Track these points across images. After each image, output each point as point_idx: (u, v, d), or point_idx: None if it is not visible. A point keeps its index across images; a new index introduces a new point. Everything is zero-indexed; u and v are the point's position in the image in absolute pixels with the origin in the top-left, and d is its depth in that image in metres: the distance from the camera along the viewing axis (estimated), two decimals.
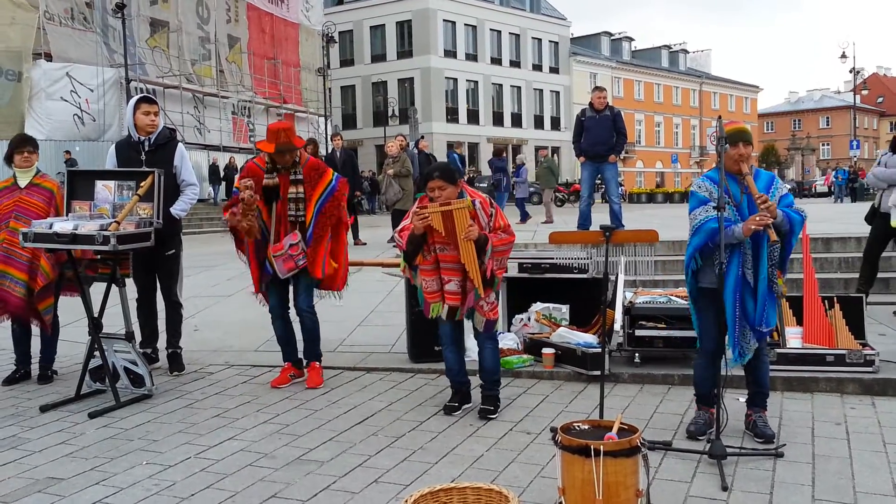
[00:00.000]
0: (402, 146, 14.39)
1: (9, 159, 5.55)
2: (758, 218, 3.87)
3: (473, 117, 48.00)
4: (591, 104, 10.46)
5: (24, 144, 5.52)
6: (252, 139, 30.37)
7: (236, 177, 5.43)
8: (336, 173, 5.41)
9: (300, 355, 5.63)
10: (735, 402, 4.49)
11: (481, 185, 26.31)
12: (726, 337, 4.13)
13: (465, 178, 21.08)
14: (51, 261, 5.38)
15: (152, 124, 5.70)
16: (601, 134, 10.28)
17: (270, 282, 5.35)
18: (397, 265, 8.36)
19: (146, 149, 5.69)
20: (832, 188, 35.90)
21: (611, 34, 61.51)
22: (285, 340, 5.55)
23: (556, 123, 53.35)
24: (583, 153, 10.43)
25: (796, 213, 4.03)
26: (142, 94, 6.13)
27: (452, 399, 4.89)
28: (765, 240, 3.98)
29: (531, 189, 37.77)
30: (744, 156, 4.03)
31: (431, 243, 4.63)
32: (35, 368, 5.77)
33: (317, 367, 5.53)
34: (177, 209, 5.73)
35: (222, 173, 27.28)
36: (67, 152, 22.14)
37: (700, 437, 4.21)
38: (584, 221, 10.57)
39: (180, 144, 5.97)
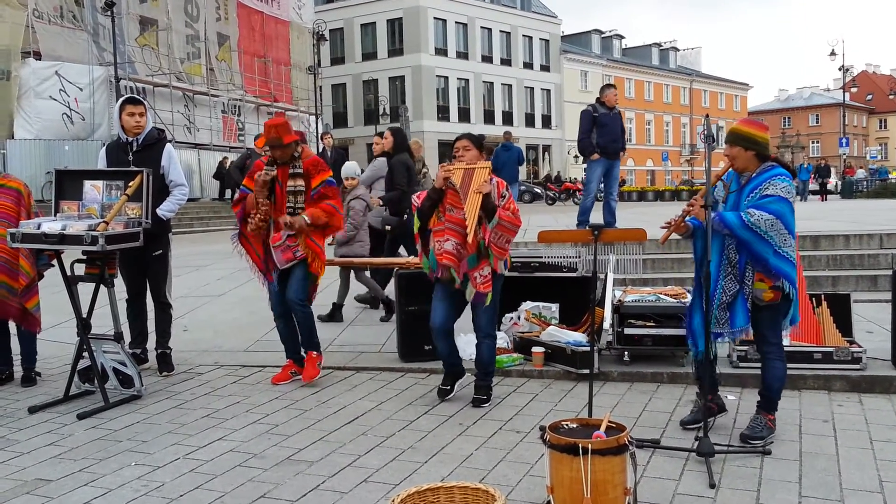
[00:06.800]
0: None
1: None
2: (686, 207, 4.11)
3: (464, 115, 47.95)
4: (600, 101, 10.27)
5: None
6: (241, 138, 30.24)
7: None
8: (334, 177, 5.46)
9: (303, 352, 5.64)
10: (724, 399, 4.53)
11: None
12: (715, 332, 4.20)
13: None
14: (29, 259, 5.37)
15: (138, 125, 5.68)
16: (616, 131, 10.23)
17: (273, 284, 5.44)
18: (388, 265, 8.36)
19: (134, 149, 5.67)
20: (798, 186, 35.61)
21: (601, 32, 61.47)
22: (286, 337, 5.59)
23: (546, 121, 53.38)
24: (601, 150, 10.20)
25: (735, 216, 3.98)
26: (127, 95, 6.11)
27: (445, 382, 5.05)
28: (718, 239, 4.08)
29: (522, 187, 37.68)
30: (728, 156, 4.16)
31: (445, 204, 4.79)
32: (17, 371, 5.73)
33: (313, 358, 5.56)
34: (163, 210, 5.69)
35: (214, 170, 27.04)
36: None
37: (691, 426, 4.28)
38: (586, 217, 10.53)
39: (168, 145, 5.93)
